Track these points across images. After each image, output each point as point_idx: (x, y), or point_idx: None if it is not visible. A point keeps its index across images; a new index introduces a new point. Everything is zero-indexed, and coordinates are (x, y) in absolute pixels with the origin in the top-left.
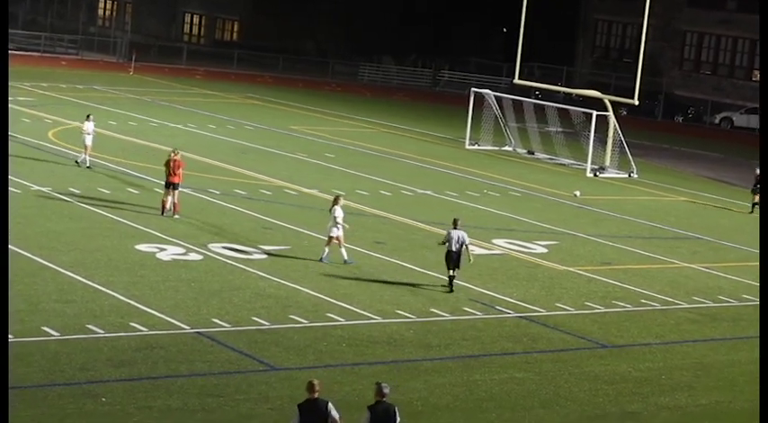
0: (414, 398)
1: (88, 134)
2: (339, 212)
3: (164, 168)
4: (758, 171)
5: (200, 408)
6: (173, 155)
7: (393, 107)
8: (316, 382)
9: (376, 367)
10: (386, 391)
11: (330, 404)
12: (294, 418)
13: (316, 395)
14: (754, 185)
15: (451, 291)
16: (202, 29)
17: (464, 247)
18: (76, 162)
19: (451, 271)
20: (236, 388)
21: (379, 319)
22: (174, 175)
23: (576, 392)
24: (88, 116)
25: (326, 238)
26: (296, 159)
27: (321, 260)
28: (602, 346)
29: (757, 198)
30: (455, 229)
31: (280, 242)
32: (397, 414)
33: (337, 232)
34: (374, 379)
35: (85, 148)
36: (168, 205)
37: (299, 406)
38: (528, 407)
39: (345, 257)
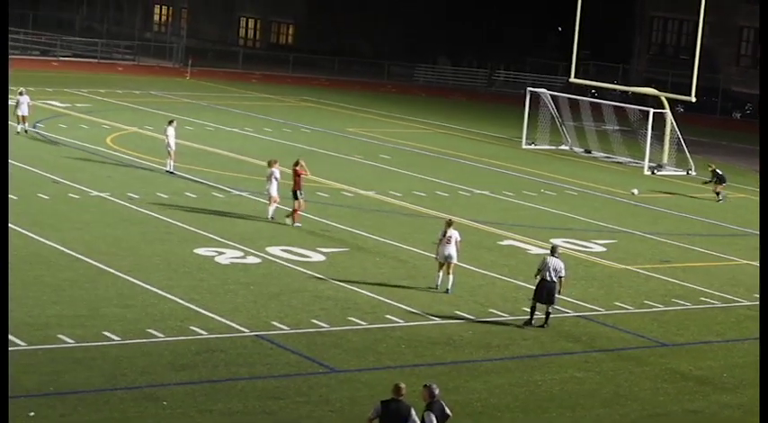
0: (473, 398)
1: (170, 139)
2: (456, 235)
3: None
4: (713, 166)
5: (261, 410)
6: (295, 165)
7: (449, 108)
8: (402, 385)
9: (435, 368)
10: (437, 391)
11: (413, 410)
12: (374, 410)
13: (401, 398)
14: (713, 179)
15: (543, 326)
16: (257, 33)
17: (560, 279)
18: (168, 172)
19: (543, 306)
20: (297, 390)
21: (438, 320)
22: (296, 183)
23: (636, 391)
24: (170, 121)
25: (439, 264)
26: (352, 161)
27: (444, 290)
28: (662, 345)
29: (718, 188)
30: (552, 255)
31: (338, 244)
32: (446, 407)
33: (449, 254)
34: (434, 380)
35: (168, 153)
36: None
37: (382, 402)
38: (588, 406)
39: (449, 285)
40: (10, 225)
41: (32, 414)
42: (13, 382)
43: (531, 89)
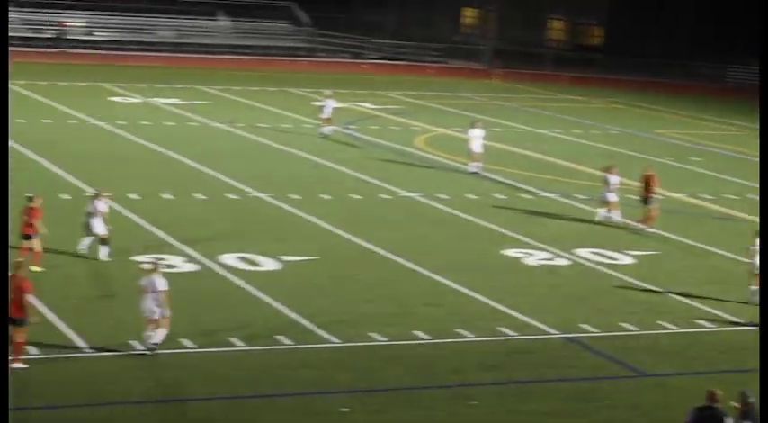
0: None
1: (475, 141)
2: None
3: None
4: None
5: (569, 413)
6: (645, 171)
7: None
8: (717, 392)
9: (748, 375)
10: (751, 399)
11: (728, 419)
12: (688, 416)
13: (715, 405)
14: None
15: None
16: (565, 34)
17: None
18: (474, 172)
19: None
20: (605, 394)
21: (751, 326)
22: (647, 190)
23: None
24: (474, 123)
25: (750, 274)
26: (662, 163)
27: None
28: None
29: None
30: None
31: (647, 247)
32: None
33: (755, 265)
34: (745, 387)
35: (472, 155)
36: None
37: (695, 408)
38: None
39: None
40: (325, 225)
41: (346, 410)
42: (326, 377)
43: None
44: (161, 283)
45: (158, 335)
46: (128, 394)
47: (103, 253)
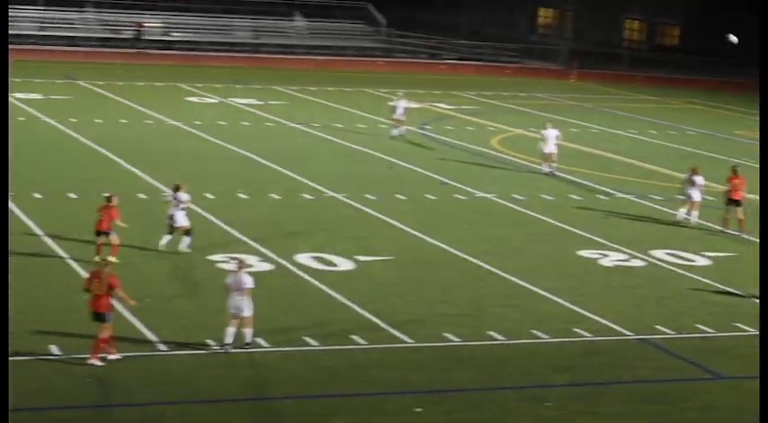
0: None
1: (548, 142)
2: None
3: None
4: None
5: (644, 415)
6: (733, 173)
7: None
8: None
9: None
10: None
11: None
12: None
13: None
14: None
15: None
16: (642, 34)
17: None
18: (549, 173)
19: None
20: (681, 396)
21: None
22: (735, 191)
23: None
24: (546, 124)
25: None
26: (741, 165)
27: None
28: None
29: None
30: None
31: (724, 249)
32: None
33: None
34: None
35: (544, 156)
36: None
37: None
38: None
39: None
40: (400, 226)
41: (419, 410)
42: (399, 377)
43: None
44: (248, 281)
45: (248, 334)
46: (203, 392)
47: (185, 244)
